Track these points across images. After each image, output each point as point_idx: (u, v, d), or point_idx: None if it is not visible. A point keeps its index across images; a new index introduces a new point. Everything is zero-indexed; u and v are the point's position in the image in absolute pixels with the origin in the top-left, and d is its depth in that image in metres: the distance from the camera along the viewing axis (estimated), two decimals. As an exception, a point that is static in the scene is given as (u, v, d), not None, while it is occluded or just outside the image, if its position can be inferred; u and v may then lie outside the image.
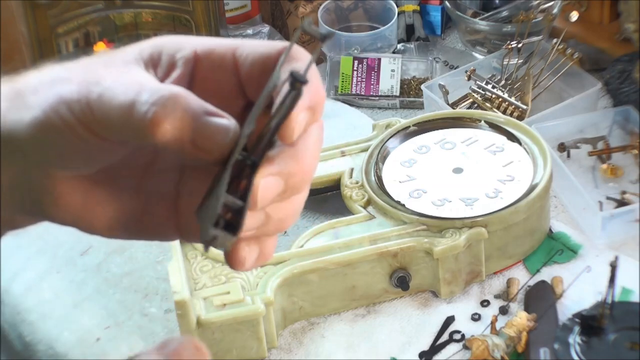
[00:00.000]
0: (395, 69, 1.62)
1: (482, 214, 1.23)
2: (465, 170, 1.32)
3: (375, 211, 1.27)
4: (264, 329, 1.18)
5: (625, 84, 1.50)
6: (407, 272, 1.23)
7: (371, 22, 1.75)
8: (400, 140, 1.37)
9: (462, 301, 1.25)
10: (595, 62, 1.59)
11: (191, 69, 0.57)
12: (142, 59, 0.57)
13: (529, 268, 1.28)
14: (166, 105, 0.52)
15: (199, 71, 0.57)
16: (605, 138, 1.42)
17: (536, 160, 1.30)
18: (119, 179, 0.58)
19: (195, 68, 0.57)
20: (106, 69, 0.55)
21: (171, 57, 0.57)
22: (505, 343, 1.16)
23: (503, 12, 1.68)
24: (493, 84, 1.51)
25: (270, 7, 1.78)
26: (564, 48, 1.51)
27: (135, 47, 0.58)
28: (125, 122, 0.52)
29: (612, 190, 1.37)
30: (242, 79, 0.57)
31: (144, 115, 0.52)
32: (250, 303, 1.17)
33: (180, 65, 0.57)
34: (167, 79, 0.57)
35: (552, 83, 1.53)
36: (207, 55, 0.57)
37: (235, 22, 1.76)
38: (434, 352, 1.19)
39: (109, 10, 1.60)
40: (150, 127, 0.51)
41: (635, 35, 1.57)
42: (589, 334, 1.16)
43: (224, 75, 0.56)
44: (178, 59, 0.57)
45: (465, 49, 1.70)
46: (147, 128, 0.51)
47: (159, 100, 0.52)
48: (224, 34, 1.65)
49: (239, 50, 0.56)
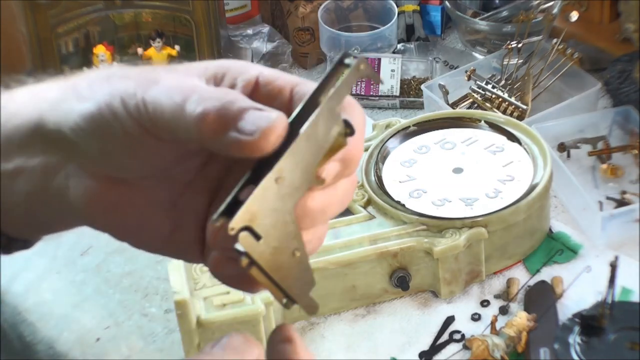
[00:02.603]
0: (395, 69, 1.62)
1: (482, 214, 1.23)
2: (465, 170, 1.32)
3: (375, 211, 1.27)
4: (264, 329, 1.18)
5: (625, 84, 1.50)
6: (407, 272, 1.23)
7: (371, 22, 1.75)
8: (400, 140, 1.37)
9: (462, 301, 1.25)
10: (595, 62, 1.59)
11: (249, 93, 0.57)
12: (205, 75, 0.57)
13: (529, 268, 1.28)
14: (217, 98, 0.53)
15: (256, 97, 0.57)
16: (605, 138, 1.42)
17: (536, 160, 1.30)
18: (157, 191, 0.58)
19: (253, 93, 0.57)
20: (167, 73, 0.56)
21: (234, 78, 0.57)
22: (505, 343, 1.16)
23: (503, 12, 1.68)
24: (493, 84, 1.51)
25: (270, 7, 1.78)
26: (564, 48, 1.51)
27: (202, 64, 0.58)
28: (176, 120, 0.53)
29: (612, 190, 1.37)
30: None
31: (193, 111, 0.52)
32: (250, 303, 1.17)
33: (239, 87, 0.57)
34: None
35: (552, 83, 1.53)
36: (267, 84, 0.57)
37: (235, 22, 1.76)
38: (434, 352, 1.19)
39: (109, 10, 1.60)
40: (198, 121, 0.52)
41: (635, 35, 1.57)
42: (589, 334, 1.16)
43: (279, 107, 0.56)
44: (239, 81, 0.57)
45: (465, 49, 1.70)
46: (195, 123, 0.52)
47: (208, 97, 0.53)
48: (224, 34, 1.65)
49: (298, 87, 0.57)
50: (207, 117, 0.52)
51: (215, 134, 0.52)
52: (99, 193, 0.57)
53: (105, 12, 1.60)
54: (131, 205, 0.58)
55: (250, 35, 1.73)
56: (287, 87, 0.57)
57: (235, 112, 0.52)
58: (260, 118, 0.52)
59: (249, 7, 1.77)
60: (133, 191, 0.58)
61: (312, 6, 1.70)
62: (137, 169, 0.57)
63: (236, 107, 0.52)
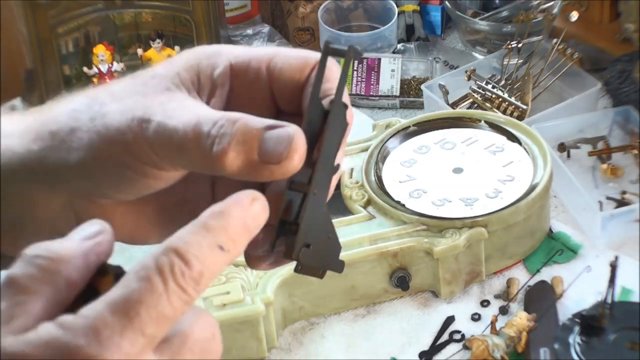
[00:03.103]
0: (395, 69, 1.62)
1: (482, 214, 1.23)
2: (465, 170, 1.32)
3: (375, 211, 1.27)
4: (264, 329, 1.18)
5: (625, 84, 1.50)
6: (407, 272, 1.23)
7: (371, 22, 1.75)
8: (400, 140, 1.37)
9: (462, 301, 1.25)
10: (595, 62, 1.59)
11: (229, 85, 0.57)
12: (181, 84, 0.57)
13: (529, 268, 1.28)
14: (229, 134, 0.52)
15: (235, 86, 0.57)
16: (605, 138, 1.42)
17: (536, 160, 1.30)
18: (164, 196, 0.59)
19: (231, 82, 0.57)
20: (146, 98, 0.55)
21: (209, 77, 0.57)
22: (505, 343, 1.16)
23: (503, 12, 1.68)
24: (493, 84, 1.51)
25: (270, 7, 1.78)
26: (564, 48, 1.51)
27: (170, 70, 0.57)
28: (190, 156, 0.53)
29: (612, 190, 1.37)
30: (275, 91, 0.57)
31: (209, 150, 0.52)
32: (250, 303, 1.17)
33: (219, 83, 0.57)
34: (212, 99, 0.57)
35: (552, 83, 1.53)
36: (243, 71, 0.57)
37: (235, 22, 1.76)
38: (434, 352, 1.19)
39: (109, 10, 1.60)
40: (219, 160, 0.52)
41: (635, 35, 1.57)
42: (589, 334, 1.16)
43: (259, 90, 0.57)
44: (216, 78, 0.57)
45: (465, 49, 1.70)
46: (216, 162, 0.52)
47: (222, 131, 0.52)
48: (224, 34, 1.65)
49: (272, 62, 0.57)
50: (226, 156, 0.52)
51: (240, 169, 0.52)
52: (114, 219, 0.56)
53: (105, 12, 1.60)
54: (148, 218, 0.59)
55: (250, 35, 1.73)
56: (263, 67, 0.57)
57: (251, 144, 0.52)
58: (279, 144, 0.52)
59: (249, 7, 1.77)
60: (145, 206, 0.58)
61: (312, 6, 1.70)
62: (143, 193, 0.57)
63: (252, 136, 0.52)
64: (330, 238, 0.56)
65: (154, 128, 0.53)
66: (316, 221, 0.54)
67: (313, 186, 0.53)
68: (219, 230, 0.48)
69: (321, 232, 0.55)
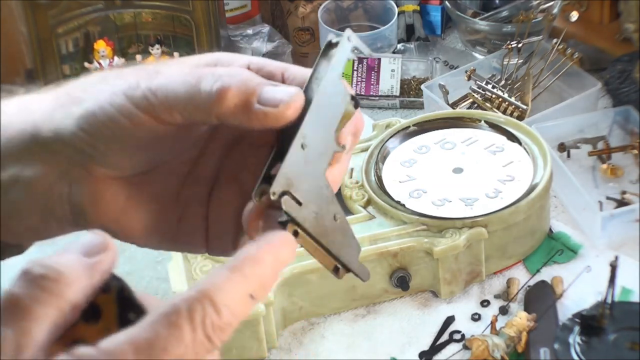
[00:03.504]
0: (395, 69, 1.62)
1: (482, 214, 1.23)
2: (465, 170, 1.32)
3: (375, 211, 1.27)
4: (264, 329, 1.18)
5: (625, 84, 1.50)
6: (407, 272, 1.23)
7: (371, 22, 1.75)
8: (400, 140, 1.37)
9: (462, 301, 1.25)
10: (595, 62, 1.59)
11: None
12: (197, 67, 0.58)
13: (529, 268, 1.28)
14: (231, 75, 0.54)
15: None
16: (605, 138, 1.42)
17: (536, 160, 1.30)
18: (160, 186, 0.59)
19: None
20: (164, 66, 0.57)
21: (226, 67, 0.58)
22: (505, 343, 1.16)
23: (503, 12, 1.68)
24: (493, 84, 1.51)
25: (270, 7, 1.78)
26: (564, 48, 1.51)
27: (192, 58, 0.59)
28: (192, 100, 0.54)
29: (612, 190, 1.37)
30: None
31: (210, 88, 0.53)
32: (250, 303, 1.17)
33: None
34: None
35: (552, 83, 1.53)
36: (258, 70, 0.58)
37: (235, 22, 1.76)
38: (434, 352, 1.19)
39: (109, 10, 1.60)
40: (219, 95, 0.53)
41: (635, 35, 1.57)
42: (589, 334, 1.16)
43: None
44: None
45: (465, 49, 1.70)
46: (213, 99, 0.53)
47: (224, 73, 0.54)
48: (224, 34, 1.65)
49: (288, 72, 0.58)
50: (227, 93, 0.53)
51: (237, 107, 0.53)
52: (106, 196, 0.57)
53: (105, 12, 1.60)
54: (138, 203, 0.58)
55: (250, 35, 1.73)
56: (278, 72, 0.58)
57: (254, 87, 0.54)
58: (279, 92, 0.54)
59: (249, 7, 1.77)
60: (138, 189, 0.58)
61: (312, 6, 1.70)
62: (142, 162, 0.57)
63: (255, 82, 0.54)
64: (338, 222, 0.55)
65: (162, 79, 0.55)
66: (308, 182, 0.53)
67: (299, 138, 0.53)
68: (253, 279, 0.48)
69: (317, 200, 0.54)
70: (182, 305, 0.45)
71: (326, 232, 0.55)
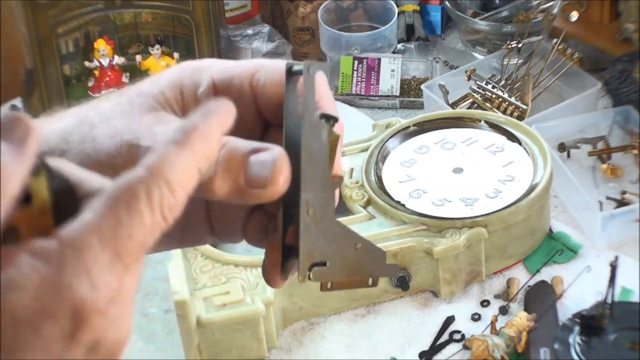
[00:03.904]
0: (395, 69, 1.62)
1: (482, 214, 1.23)
2: (465, 170, 1.32)
3: (375, 211, 1.27)
4: (264, 329, 1.18)
5: (625, 84, 1.50)
6: (407, 272, 1.23)
7: (371, 22, 1.75)
8: (400, 140, 1.37)
9: (462, 301, 1.25)
10: (595, 62, 1.59)
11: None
12: (166, 103, 0.57)
13: (529, 268, 1.28)
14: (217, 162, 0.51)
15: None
16: (605, 138, 1.42)
17: (536, 160, 1.30)
18: None
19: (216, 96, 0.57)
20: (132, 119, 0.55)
21: (193, 96, 0.57)
22: (505, 343, 1.16)
23: (503, 12, 1.68)
24: (493, 84, 1.51)
25: (270, 7, 1.78)
26: (564, 48, 1.51)
27: (155, 88, 0.57)
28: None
29: (612, 190, 1.37)
30: (260, 106, 0.57)
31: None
32: (250, 303, 1.17)
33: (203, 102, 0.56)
34: None
35: (552, 83, 1.53)
36: (226, 88, 0.57)
37: (235, 22, 1.76)
38: (434, 352, 1.19)
39: (109, 10, 1.60)
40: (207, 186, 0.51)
41: (635, 35, 1.57)
42: (589, 334, 1.16)
43: (243, 106, 0.56)
44: (200, 96, 0.57)
45: (465, 49, 1.70)
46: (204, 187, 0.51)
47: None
48: (224, 34, 1.65)
49: (255, 77, 0.57)
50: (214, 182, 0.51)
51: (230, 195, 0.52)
52: None
53: (105, 12, 1.60)
54: None
55: (250, 35, 1.73)
56: (245, 83, 0.57)
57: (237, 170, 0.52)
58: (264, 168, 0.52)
59: (249, 7, 1.77)
60: None
61: (312, 6, 1.70)
62: None
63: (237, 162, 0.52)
64: (360, 248, 0.55)
65: (143, 154, 0.52)
66: (324, 237, 0.54)
67: (303, 207, 0.53)
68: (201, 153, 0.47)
69: (337, 246, 0.54)
70: (139, 188, 0.44)
71: (354, 266, 0.55)
